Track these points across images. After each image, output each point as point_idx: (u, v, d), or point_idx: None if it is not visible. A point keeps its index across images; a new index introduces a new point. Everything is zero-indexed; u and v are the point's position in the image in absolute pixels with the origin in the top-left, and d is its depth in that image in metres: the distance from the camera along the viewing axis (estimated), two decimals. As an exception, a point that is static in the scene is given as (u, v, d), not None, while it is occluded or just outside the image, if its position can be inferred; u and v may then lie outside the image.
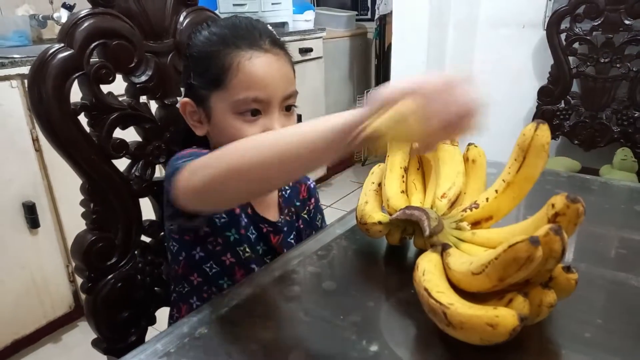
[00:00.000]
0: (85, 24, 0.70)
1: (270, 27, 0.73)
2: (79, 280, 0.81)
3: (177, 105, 0.78)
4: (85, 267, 0.78)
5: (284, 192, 0.83)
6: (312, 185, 0.88)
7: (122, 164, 0.81)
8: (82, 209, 0.78)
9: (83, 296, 0.81)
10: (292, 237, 0.82)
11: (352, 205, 0.74)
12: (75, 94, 0.72)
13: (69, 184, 1.54)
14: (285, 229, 0.80)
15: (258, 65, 0.67)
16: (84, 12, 0.70)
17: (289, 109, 0.72)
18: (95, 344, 0.83)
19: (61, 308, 1.66)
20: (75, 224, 0.80)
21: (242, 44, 0.68)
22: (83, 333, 1.70)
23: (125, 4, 0.74)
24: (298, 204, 0.85)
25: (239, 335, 0.53)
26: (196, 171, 0.55)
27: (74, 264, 0.82)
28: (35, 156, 1.50)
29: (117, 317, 0.81)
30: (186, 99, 0.74)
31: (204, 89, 0.71)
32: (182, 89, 0.79)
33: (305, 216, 0.86)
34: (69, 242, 1.59)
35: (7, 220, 1.48)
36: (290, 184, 0.84)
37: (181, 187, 0.57)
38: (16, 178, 1.47)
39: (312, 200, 0.87)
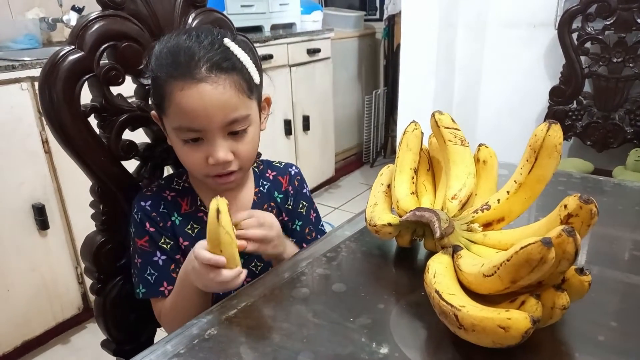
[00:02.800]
0: (95, 27, 0.70)
1: (222, 41, 0.69)
2: (88, 282, 0.81)
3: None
4: (94, 268, 0.78)
5: (261, 188, 0.81)
6: (292, 173, 0.85)
7: (131, 165, 0.81)
8: (91, 211, 0.78)
9: (92, 298, 0.81)
10: None
11: (360, 207, 0.74)
12: (86, 96, 0.72)
13: (78, 185, 1.55)
14: None
15: (189, 96, 0.65)
16: (94, 15, 0.70)
17: (236, 130, 0.70)
18: (104, 345, 0.84)
19: (70, 310, 1.67)
20: (84, 225, 0.81)
21: (176, 73, 0.66)
22: (92, 335, 1.71)
23: (134, 6, 0.74)
24: (281, 196, 0.82)
25: (248, 336, 0.53)
26: (164, 317, 0.76)
27: (83, 266, 0.82)
28: (44, 158, 1.52)
29: (126, 318, 0.82)
30: (154, 112, 0.74)
31: (157, 110, 0.72)
32: None
33: (289, 207, 0.83)
34: (78, 244, 1.60)
35: (17, 222, 1.49)
36: (271, 177, 0.83)
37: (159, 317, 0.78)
38: (26, 180, 1.49)
39: (290, 188, 0.83)
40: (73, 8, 1.89)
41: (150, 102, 0.77)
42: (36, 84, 1.46)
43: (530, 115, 2.13)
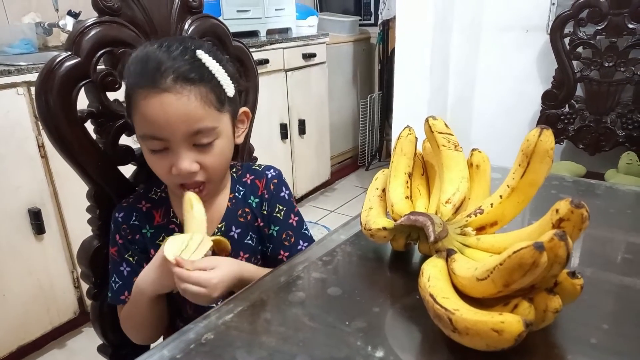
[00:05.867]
0: (92, 33, 0.71)
1: (194, 52, 0.68)
2: (84, 286, 0.81)
3: None
4: (91, 273, 0.78)
5: (236, 193, 0.80)
6: (269, 176, 0.82)
7: (127, 170, 0.81)
8: (87, 215, 0.79)
9: (88, 302, 0.82)
10: (248, 238, 0.80)
11: (356, 210, 0.74)
12: (82, 102, 0.73)
13: (73, 190, 1.55)
14: (231, 233, 0.78)
15: (151, 106, 0.65)
16: (90, 21, 0.71)
17: (203, 142, 0.69)
18: (100, 349, 0.84)
19: (66, 314, 1.67)
20: (80, 229, 0.81)
21: (141, 81, 0.66)
22: (88, 339, 1.70)
23: (131, 12, 0.74)
24: (257, 200, 0.81)
25: (245, 340, 0.53)
26: (122, 324, 0.79)
27: (79, 270, 0.83)
28: (41, 163, 1.52)
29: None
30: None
31: (127, 116, 0.73)
32: None
33: (264, 212, 0.81)
34: (74, 248, 1.60)
35: (13, 226, 1.49)
36: (248, 181, 0.81)
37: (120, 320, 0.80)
38: (22, 184, 1.48)
39: (266, 192, 0.81)
40: (69, 13, 1.89)
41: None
42: (32, 89, 1.46)
43: (523, 119, 2.15)
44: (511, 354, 0.47)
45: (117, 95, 0.76)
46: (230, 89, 0.71)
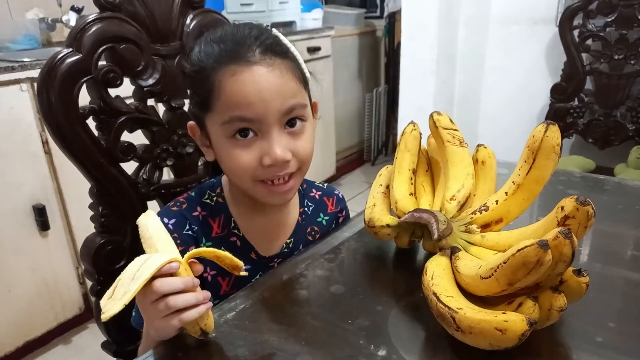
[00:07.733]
0: (93, 29, 0.70)
1: (271, 31, 0.64)
2: (89, 283, 0.81)
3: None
4: (94, 270, 0.78)
5: (306, 209, 0.77)
6: (340, 196, 0.82)
7: (130, 167, 0.81)
8: (91, 211, 0.78)
9: (93, 298, 0.81)
10: None
11: (361, 206, 0.73)
12: (84, 98, 0.72)
13: (78, 186, 1.55)
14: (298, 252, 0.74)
15: (241, 81, 0.58)
16: (91, 17, 0.70)
17: (293, 124, 0.62)
18: (104, 346, 0.84)
19: (71, 310, 1.68)
20: (84, 225, 0.81)
21: (226, 58, 0.59)
22: (93, 335, 1.71)
23: (132, 8, 0.74)
24: (327, 218, 0.78)
25: (247, 338, 0.53)
26: None
27: (83, 267, 0.83)
28: (45, 159, 1.52)
29: (126, 320, 0.82)
30: (192, 122, 0.68)
31: (199, 112, 0.64)
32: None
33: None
34: (79, 244, 1.59)
35: (18, 223, 1.49)
36: (317, 197, 0.79)
37: None
38: (26, 181, 1.49)
39: (344, 213, 0.81)
40: (72, 8, 1.89)
41: (188, 109, 0.72)
42: (36, 85, 1.46)
43: (532, 113, 2.13)
44: (515, 353, 0.46)
45: (119, 91, 0.75)
46: (306, 70, 0.66)
